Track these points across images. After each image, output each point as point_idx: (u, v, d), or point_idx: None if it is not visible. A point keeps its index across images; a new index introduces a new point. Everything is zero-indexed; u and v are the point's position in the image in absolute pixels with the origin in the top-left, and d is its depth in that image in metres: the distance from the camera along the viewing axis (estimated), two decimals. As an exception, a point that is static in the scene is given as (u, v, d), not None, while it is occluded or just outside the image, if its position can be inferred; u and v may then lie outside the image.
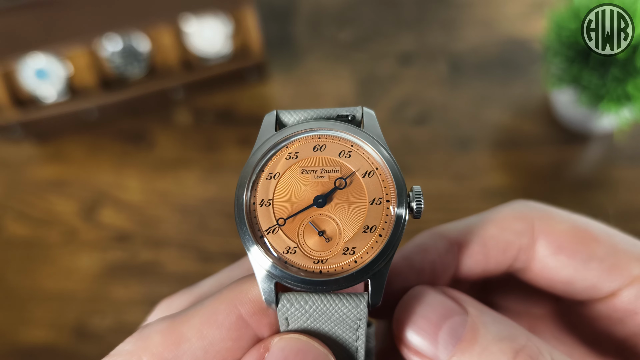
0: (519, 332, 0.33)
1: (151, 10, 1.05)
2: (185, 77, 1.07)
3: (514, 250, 0.40)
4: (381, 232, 0.34)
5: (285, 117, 0.38)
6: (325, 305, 0.33)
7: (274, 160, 0.36)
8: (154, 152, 1.06)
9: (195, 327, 0.33)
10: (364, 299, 0.33)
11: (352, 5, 1.21)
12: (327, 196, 0.35)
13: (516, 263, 0.41)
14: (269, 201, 0.35)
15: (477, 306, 0.35)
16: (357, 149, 0.36)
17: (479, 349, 0.32)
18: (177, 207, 1.00)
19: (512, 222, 0.40)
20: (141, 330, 0.34)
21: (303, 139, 0.36)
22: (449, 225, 0.43)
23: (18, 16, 1.04)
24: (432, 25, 1.17)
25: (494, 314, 0.35)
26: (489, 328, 0.33)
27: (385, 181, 0.35)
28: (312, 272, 0.34)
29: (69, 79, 1.05)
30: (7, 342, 0.91)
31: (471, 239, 0.41)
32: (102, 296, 0.93)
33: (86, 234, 0.99)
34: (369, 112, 0.37)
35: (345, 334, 0.34)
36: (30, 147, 1.09)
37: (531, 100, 1.06)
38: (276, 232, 0.35)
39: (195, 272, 0.94)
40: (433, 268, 0.41)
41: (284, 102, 1.12)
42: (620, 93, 0.82)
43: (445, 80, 1.10)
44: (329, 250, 0.34)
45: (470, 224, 0.42)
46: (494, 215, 0.42)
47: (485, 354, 0.32)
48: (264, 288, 0.33)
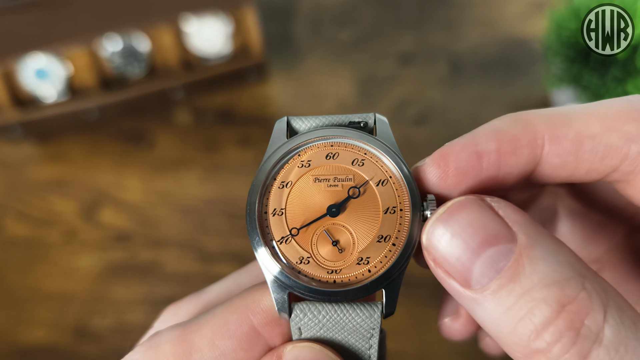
0: (574, 277, 0.26)
1: (151, 10, 1.05)
2: (185, 77, 1.07)
3: (617, 158, 0.31)
4: (395, 242, 0.34)
5: (296, 123, 0.37)
6: (338, 315, 0.33)
7: (287, 168, 0.36)
8: (154, 152, 1.06)
9: (207, 337, 0.32)
10: (377, 309, 0.33)
11: (352, 5, 1.21)
12: (341, 205, 0.34)
13: (615, 174, 0.33)
14: (281, 210, 0.35)
15: (530, 232, 0.28)
16: (371, 157, 0.35)
17: (519, 290, 0.26)
18: (177, 207, 1.00)
19: (623, 122, 0.31)
20: (151, 338, 0.33)
21: (315, 147, 0.36)
22: (535, 111, 0.33)
23: (18, 16, 1.04)
24: (432, 25, 1.17)
25: (550, 245, 0.28)
26: (537, 266, 0.27)
27: (399, 190, 0.34)
28: (326, 282, 0.33)
29: (69, 79, 1.05)
30: (7, 342, 0.91)
31: (563, 134, 0.32)
32: (102, 296, 0.93)
33: (86, 234, 0.99)
34: (382, 119, 0.36)
35: (359, 342, 0.34)
36: (30, 147, 1.09)
37: (531, 100, 1.06)
38: (289, 242, 0.34)
39: (195, 272, 0.94)
40: (503, 163, 0.32)
41: (284, 102, 1.12)
42: (620, 93, 0.82)
43: (445, 80, 1.10)
44: (343, 260, 0.34)
45: (565, 113, 0.32)
46: (600, 108, 0.32)
47: (525, 298, 0.26)
48: (277, 298, 0.33)
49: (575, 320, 0.26)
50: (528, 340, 0.26)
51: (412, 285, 0.87)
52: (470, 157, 0.32)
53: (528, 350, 0.27)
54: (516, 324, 0.27)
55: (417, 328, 0.86)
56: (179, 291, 0.92)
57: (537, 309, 0.26)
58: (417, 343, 0.85)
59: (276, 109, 1.12)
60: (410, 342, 0.86)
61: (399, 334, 0.86)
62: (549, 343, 0.26)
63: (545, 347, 0.26)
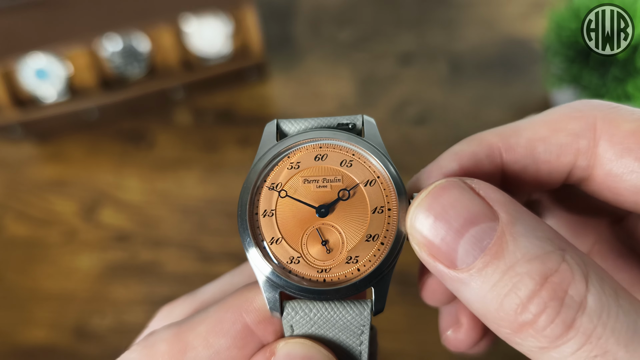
0: (554, 250, 0.28)
1: (151, 10, 1.05)
2: (185, 77, 1.07)
3: (570, 154, 0.34)
4: (383, 241, 0.34)
5: (286, 126, 0.38)
6: (329, 312, 0.34)
7: (276, 170, 0.36)
8: (154, 152, 1.06)
9: (201, 336, 0.33)
10: (367, 306, 0.34)
11: (352, 5, 1.21)
12: (330, 206, 0.35)
13: (576, 171, 0.35)
14: (271, 212, 0.35)
15: (511, 210, 0.29)
16: (359, 157, 0.36)
17: (503, 266, 0.27)
18: (177, 207, 1.00)
19: (567, 122, 0.34)
20: (147, 338, 0.34)
21: (304, 149, 0.37)
22: (488, 130, 0.37)
23: (18, 16, 1.04)
24: (432, 25, 1.17)
25: (530, 222, 0.29)
26: (519, 242, 0.28)
27: (386, 189, 0.35)
28: (316, 281, 0.34)
29: (69, 79, 1.05)
30: (7, 342, 0.91)
31: (515, 142, 0.35)
32: (102, 296, 0.93)
33: (86, 234, 0.99)
34: (369, 121, 0.37)
35: (350, 339, 0.35)
36: (30, 147, 1.09)
37: (531, 100, 1.06)
38: (280, 242, 0.35)
39: (195, 272, 0.94)
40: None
41: (284, 102, 1.12)
42: (620, 93, 0.82)
43: (445, 80, 1.10)
44: (333, 259, 0.35)
45: (514, 126, 0.36)
46: (545, 116, 0.36)
47: (509, 273, 0.27)
48: (268, 297, 0.33)
49: (559, 291, 0.27)
50: (515, 314, 0.27)
51: (412, 285, 0.87)
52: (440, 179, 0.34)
53: (515, 324, 0.27)
54: (502, 299, 0.28)
55: (417, 328, 0.86)
56: (179, 291, 0.92)
57: (521, 283, 0.27)
58: (416, 343, 0.85)
59: (276, 109, 1.12)
60: (410, 342, 0.86)
61: (398, 334, 0.86)
62: (534, 315, 0.27)
63: (531, 318, 0.27)
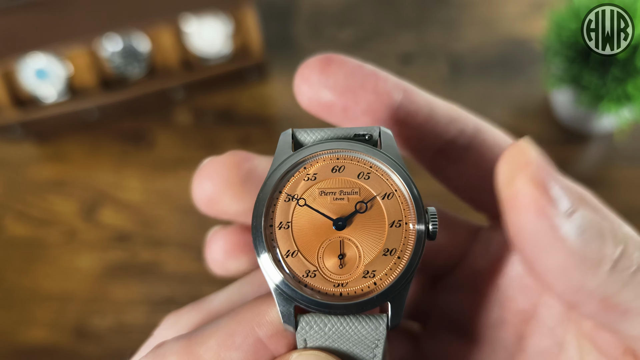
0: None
1: (151, 10, 1.05)
2: (185, 77, 1.07)
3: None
4: (400, 255, 0.34)
5: (301, 136, 0.37)
6: (344, 327, 0.33)
7: (293, 181, 0.35)
8: (154, 152, 1.06)
9: (213, 349, 0.32)
10: (383, 321, 0.33)
11: (352, 5, 1.21)
12: (347, 219, 0.34)
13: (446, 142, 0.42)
14: (287, 224, 0.35)
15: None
16: (376, 170, 0.35)
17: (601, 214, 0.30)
18: (177, 207, 1.00)
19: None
20: (156, 350, 0.33)
21: (321, 160, 0.36)
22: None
23: (18, 16, 1.04)
24: (432, 25, 1.17)
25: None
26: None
27: (404, 203, 0.35)
28: (332, 295, 0.34)
29: (69, 79, 1.05)
30: (7, 342, 0.91)
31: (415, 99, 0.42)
32: (102, 296, 0.93)
33: (86, 234, 0.99)
34: (387, 132, 0.36)
35: (363, 352, 0.34)
36: (30, 147, 1.09)
37: (531, 100, 1.06)
38: (295, 255, 0.34)
39: (195, 272, 0.94)
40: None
41: (284, 102, 1.12)
42: (620, 93, 0.82)
43: (445, 80, 1.10)
44: (349, 273, 0.34)
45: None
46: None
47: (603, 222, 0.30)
48: (283, 311, 0.33)
49: None
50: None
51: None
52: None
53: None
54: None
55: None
56: (178, 291, 0.92)
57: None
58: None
59: (276, 109, 1.12)
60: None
61: (399, 334, 0.86)
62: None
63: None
